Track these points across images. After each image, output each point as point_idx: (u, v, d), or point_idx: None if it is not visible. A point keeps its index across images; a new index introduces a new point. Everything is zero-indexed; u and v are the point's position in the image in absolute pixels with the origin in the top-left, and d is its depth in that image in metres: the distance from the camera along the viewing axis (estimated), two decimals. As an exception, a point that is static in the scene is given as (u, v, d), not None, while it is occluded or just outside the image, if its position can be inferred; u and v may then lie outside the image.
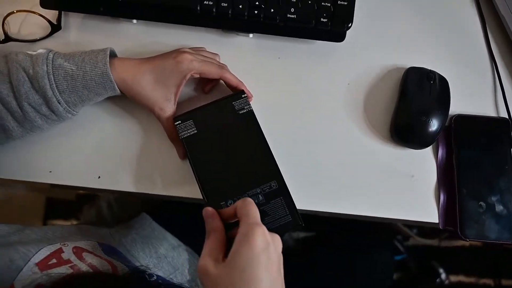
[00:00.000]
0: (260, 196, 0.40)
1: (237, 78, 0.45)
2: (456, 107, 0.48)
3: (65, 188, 0.47)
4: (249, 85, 0.47)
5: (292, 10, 0.46)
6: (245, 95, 0.44)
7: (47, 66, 0.39)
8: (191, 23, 0.48)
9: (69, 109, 0.41)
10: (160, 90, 0.42)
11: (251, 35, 0.49)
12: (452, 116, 0.48)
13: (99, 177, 0.46)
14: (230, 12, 0.46)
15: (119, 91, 0.42)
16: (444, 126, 0.46)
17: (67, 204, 1.03)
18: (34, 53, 0.40)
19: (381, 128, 0.48)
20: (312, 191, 0.46)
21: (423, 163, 0.47)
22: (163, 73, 0.42)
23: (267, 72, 0.49)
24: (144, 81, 0.41)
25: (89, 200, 0.84)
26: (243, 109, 0.43)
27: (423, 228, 1.07)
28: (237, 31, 0.49)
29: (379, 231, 0.74)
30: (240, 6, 0.46)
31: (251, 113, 0.43)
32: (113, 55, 0.43)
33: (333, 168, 0.47)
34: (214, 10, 0.46)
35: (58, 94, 0.40)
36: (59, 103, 0.40)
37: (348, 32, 0.47)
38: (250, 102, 0.44)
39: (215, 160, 0.41)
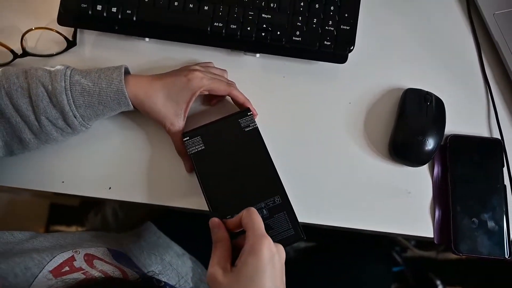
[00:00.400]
0: (264, 210, 0.42)
1: (243, 95, 0.47)
2: (452, 127, 0.50)
3: (76, 198, 0.48)
4: (255, 102, 0.49)
5: (298, 33, 0.48)
6: (251, 113, 0.46)
7: (65, 82, 0.41)
8: (202, 43, 0.50)
9: (84, 122, 0.44)
10: (171, 106, 0.44)
11: (258, 55, 0.52)
12: (448, 136, 0.50)
13: (109, 188, 0.48)
14: (238, 33, 0.49)
15: (132, 107, 0.44)
16: (439, 145, 0.49)
17: (71, 210, 1.04)
18: (53, 69, 0.42)
19: (380, 146, 0.50)
20: (313, 205, 0.48)
21: (420, 180, 0.49)
22: (174, 90, 0.44)
23: (272, 90, 0.51)
24: (156, 97, 0.44)
25: (94, 206, 0.86)
26: (249, 126, 0.45)
27: (421, 240, 1.09)
28: (245, 51, 0.51)
29: (377, 243, 0.76)
30: (248, 28, 0.48)
31: (256, 130, 0.45)
32: (127, 72, 0.45)
33: (333, 183, 0.49)
34: (223, 31, 0.48)
35: (74, 109, 0.42)
36: (75, 117, 0.42)
37: (350, 54, 0.50)
38: (255, 119, 0.46)
39: (221, 175, 0.43)
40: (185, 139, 0.44)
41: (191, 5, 0.48)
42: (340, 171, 0.49)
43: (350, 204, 0.49)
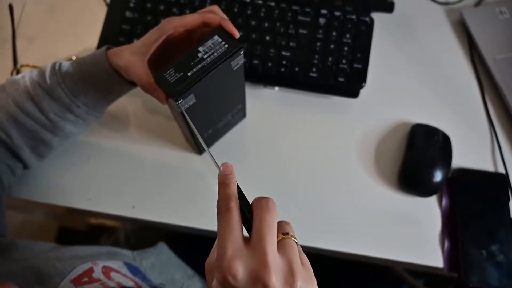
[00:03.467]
0: (229, 117, 0.49)
1: (219, 15, 0.42)
2: (458, 161, 0.53)
3: (101, 216, 0.50)
4: (272, 131, 0.53)
5: (314, 69, 0.53)
6: (242, 49, 0.39)
7: (56, 76, 0.42)
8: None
9: (90, 110, 0.45)
10: (139, 50, 0.41)
11: (276, 88, 0.56)
12: (455, 169, 0.53)
13: (134, 206, 0.50)
14: (260, 68, 0.53)
15: (121, 79, 0.43)
16: (447, 177, 0.51)
17: (79, 235, 1.05)
18: (44, 67, 0.44)
19: (390, 176, 0.53)
20: (323, 230, 0.50)
21: (429, 211, 0.52)
22: (144, 37, 0.42)
23: (289, 121, 0.55)
24: (127, 51, 0.42)
25: (104, 231, 0.87)
26: (238, 64, 0.40)
27: (429, 279, 1.07)
28: (265, 84, 0.55)
29: (385, 280, 0.76)
30: (269, 64, 0.53)
31: (242, 65, 0.41)
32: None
33: (344, 211, 0.51)
34: (246, 66, 0.53)
35: (74, 99, 0.43)
36: (79, 107, 0.43)
37: (362, 90, 0.54)
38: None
39: (206, 112, 0.44)
40: (179, 101, 0.37)
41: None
42: (350, 200, 0.52)
43: (359, 232, 0.50)
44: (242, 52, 0.39)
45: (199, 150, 0.52)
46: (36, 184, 0.51)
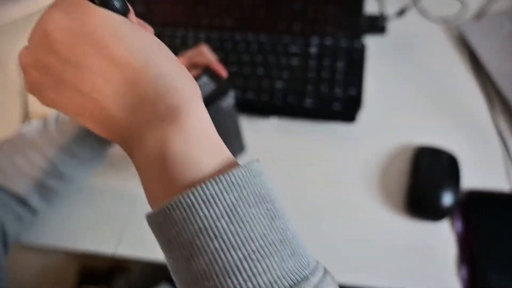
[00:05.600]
0: None
1: (206, 55, 0.42)
2: (470, 182, 0.50)
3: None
4: (270, 161, 0.52)
5: (308, 99, 0.53)
6: (230, 89, 0.39)
7: (59, 124, 0.45)
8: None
9: (94, 153, 0.47)
10: None
11: (272, 118, 0.56)
12: (467, 191, 0.50)
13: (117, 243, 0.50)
14: (254, 100, 0.54)
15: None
16: (457, 200, 0.48)
17: (99, 275, 1.06)
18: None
19: (396, 202, 0.50)
20: (329, 261, 0.48)
21: (441, 236, 0.48)
22: None
23: (287, 150, 0.54)
24: None
25: (121, 270, 0.88)
26: (228, 104, 0.40)
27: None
28: (262, 115, 0.56)
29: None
30: (263, 96, 0.53)
31: (233, 105, 0.41)
32: None
33: (350, 240, 0.49)
34: (240, 99, 0.54)
35: (78, 144, 0.44)
36: (84, 152, 0.45)
37: (362, 113, 0.53)
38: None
39: None
40: None
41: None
42: (356, 228, 0.50)
43: (368, 261, 0.48)
44: (231, 93, 0.39)
45: None
46: (40, 227, 0.52)
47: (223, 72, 0.41)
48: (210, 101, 0.38)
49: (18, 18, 0.68)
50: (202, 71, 0.40)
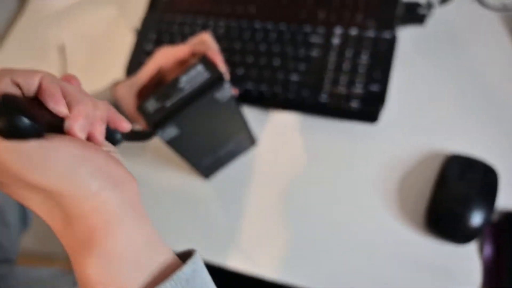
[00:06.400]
0: (231, 145, 0.48)
1: (208, 44, 0.42)
2: (508, 201, 0.42)
3: None
4: (285, 159, 0.49)
5: (323, 94, 0.48)
6: (227, 82, 0.37)
7: None
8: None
9: None
10: (131, 83, 0.45)
11: (288, 113, 0.53)
12: (503, 212, 0.42)
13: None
14: (268, 93, 0.51)
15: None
16: (490, 221, 0.41)
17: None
18: None
19: (417, 217, 0.44)
20: (337, 273, 0.44)
21: (466, 261, 0.42)
22: (140, 70, 0.45)
23: (302, 148, 0.51)
24: (122, 84, 0.45)
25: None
26: (225, 96, 0.38)
27: None
28: (276, 108, 0.53)
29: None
30: (277, 88, 0.50)
31: (231, 97, 0.39)
32: None
33: (360, 253, 0.44)
34: (254, 91, 0.51)
35: None
36: None
37: (386, 112, 0.47)
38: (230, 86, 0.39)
39: (198, 142, 0.43)
40: (158, 133, 0.37)
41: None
42: (368, 244, 0.45)
43: (380, 282, 0.43)
44: (227, 85, 0.37)
45: (204, 175, 0.51)
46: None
47: (220, 63, 0.39)
48: (202, 91, 0.37)
49: (63, 8, 0.73)
50: (198, 59, 0.38)
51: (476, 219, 0.40)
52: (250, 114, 0.54)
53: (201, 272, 0.24)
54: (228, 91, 0.38)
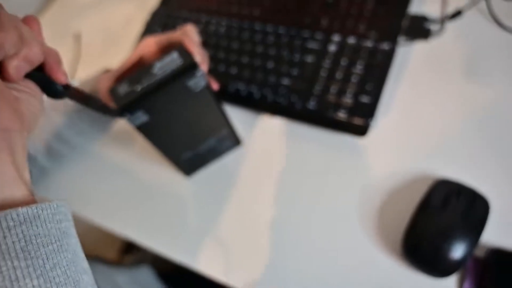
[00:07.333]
0: (212, 142, 0.47)
1: (189, 35, 0.41)
2: (497, 237, 0.38)
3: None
4: (267, 164, 0.48)
5: (312, 100, 0.46)
6: (200, 71, 0.37)
7: None
8: (224, 100, 0.52)
9: (93, 124, 0.49)
10: (114, 70, 0.44)
11: (277, 118, 0.51)
12: (490, 249, 0.38)
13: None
14: (256, 95, 0.49)
15: None
16: (473, 256, 0.37)
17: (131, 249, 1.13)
18: None
19: (395, 243, 0.41)
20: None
21: (441, 297, 0.37)
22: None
23: (286, 155, 0.49)
24: (108, 71, 0.46)
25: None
26: (198, 85, 0.38)
27: None
28: (263, 112, 0.51)
29: None
30: (266, 91, 0.49)
31: (205, 88, 0.38)
32: None
33: (332, 274, 0.41)
34: (243, 92, 0.50)
35: (78, 114, 0.47)
36: (83, 122, 0.48)
37: (379, 126, 0.45)
38: (204, 71, 0.39)
39: (171, 132, 0.42)
40: (126, 117, 0.37)
41: (221, 67, 0.52)
42: (339, 263, 0.42)
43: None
44: (199, 73, 0.37)
45: (185, 173, 0.50)
46: (52, 186, 0.57)
47: (197, 54, 0.38)
48: (173, 77, 0.36)
49: (89, 2, 0.77)
50: (177, 47, 0.38)
51: (457, 251, 0.36)
52: (239, 115, 0.53)
53: (52, 223, 0.22)
54: (200, 80, 0.37)
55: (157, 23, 0.60)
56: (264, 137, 0.51)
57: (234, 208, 0.48)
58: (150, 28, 0.61)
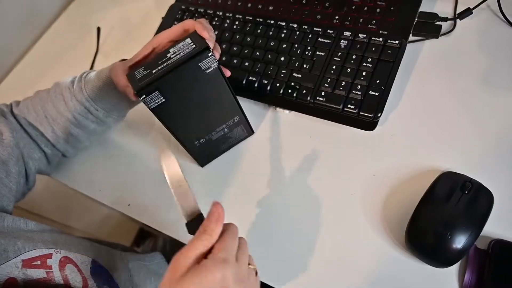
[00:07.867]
0: (225, 129, 0.48)
1: (203, 24, 0.42)
2: (500, 230, 0.39)
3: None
4: (276, 156, 0.49)
5: (323, 94, 0.48)
6: (211, 52, 0.39)
7: (81, 82, 0.49)
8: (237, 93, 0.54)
9: (107, 113, 0.50)
10: (128, 61, 0.47)
11: (287, 111, 0.53)
12: (492, 240, 0.39)
13: (129, 204, 0.53)
14: (268, 88, 0.51)
15: (118, 90, 0.48)
16: (475, 247, 0.38)
17: (147, 237, 1.16)
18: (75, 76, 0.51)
19: (398, 233, 0.42)
20: (299, 278, 0.43)
21: (443, 285, 0.39)
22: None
23: (295, 148, 0.50)
24: (121, 62, 0.48)
25: (151, 236, 0.95)
26: (210, 67, 0.40)
27: None
28: (274, 105, 0.53)
29: None
30: (277, 84, 0.51)
31: (217, 70, 0.41)
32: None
33: (335, 262, 0.43)
34: (256, 85, 0.52)
35: (92, 103, 0.48)
36: (97, 110, 0.49)
37: (388, 121, 0.46)
38: (216, 57, 0.41)
39: (186, 116, 0.44)
40: (142, 98, 0.39)
41: (235, 61, 0.54)
42: (345, 251, 0.43)
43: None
44: (210, 54, 0.39)
45: (200, 163, 0.52)
46: (70, 171, 0.59)
47: (205, 34, 0.40)
48: (186, 59, 0.38)
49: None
50: (189, 34, 0.41)
51: (459, 242, 0.37)
52: (251, 107, 0.54)
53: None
54: (213, 61, 0.39)
55: (172, 17, 0.62)
56: (275, 129, 0.52)
57: (244, 196, 0.49)
58: (166, 22, 0.63)
